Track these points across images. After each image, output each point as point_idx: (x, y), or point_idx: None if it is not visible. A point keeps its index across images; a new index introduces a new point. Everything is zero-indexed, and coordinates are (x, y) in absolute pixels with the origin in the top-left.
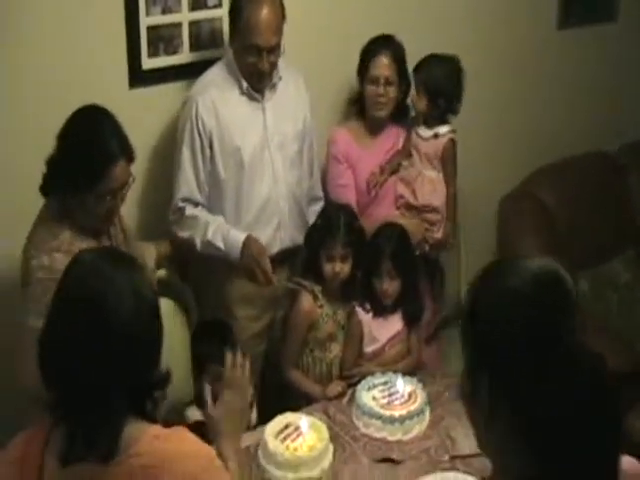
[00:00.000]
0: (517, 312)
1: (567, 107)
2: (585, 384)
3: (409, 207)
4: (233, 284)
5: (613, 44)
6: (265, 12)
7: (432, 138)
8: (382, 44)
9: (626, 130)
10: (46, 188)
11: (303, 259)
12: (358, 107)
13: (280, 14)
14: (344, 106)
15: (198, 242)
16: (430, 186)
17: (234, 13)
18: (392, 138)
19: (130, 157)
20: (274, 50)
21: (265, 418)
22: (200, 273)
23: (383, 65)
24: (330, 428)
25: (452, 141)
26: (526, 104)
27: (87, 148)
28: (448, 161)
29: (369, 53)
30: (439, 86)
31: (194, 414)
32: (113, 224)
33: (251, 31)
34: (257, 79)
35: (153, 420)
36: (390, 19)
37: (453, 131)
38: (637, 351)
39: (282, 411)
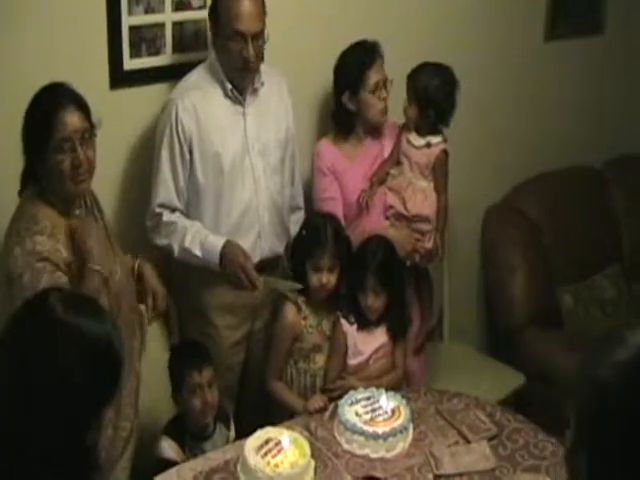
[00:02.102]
0: None
1: (552, 120)
2: None
3: (399, 217)
4: (212, 292)
5: (599, 57)
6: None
7: (424, 147)
8: (371, 49)
9: (612, 143)
10: (22, 182)
11: (284, 269)
12: (346, 125)
13: (261, 1)
14: (327, 115)
15: (176, 249)
16: (421, 195)
17: (215, 5)
18: (377, 145)
19: (82, 108)
20: (258, 37)
21: (244, 431)
22: (179, 280)
23: (380, 69)
24: (311, 444)
25: (444, 152)
26: (511, 116)
27: (37, 106)
28: (440, 172)
29: (363, 62)
30: (430, 96)
31: (167, 447)
32: (92, 203)
33: (234, 18)
34: (243, 72)
35: None
36: (377, 26)
37: (445, 141)
38: None
39: (262, 424)
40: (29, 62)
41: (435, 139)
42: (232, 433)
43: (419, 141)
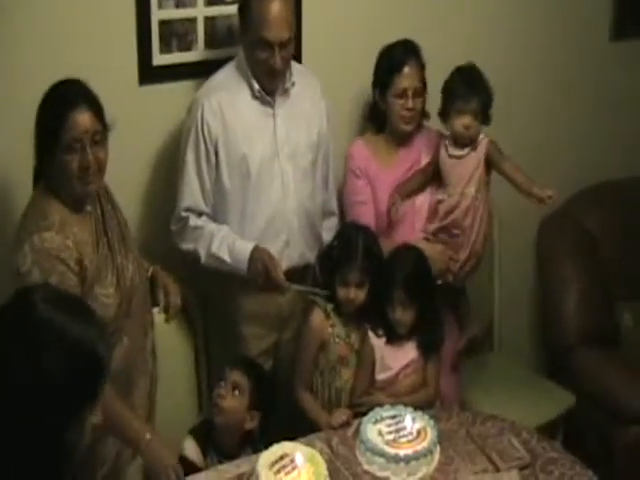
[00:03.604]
0: None
1: (616, 125)
2: None
3: (440, 230)
4: (237, 301)
5: None
6: (275, 5)
7: (472, 151)
8: (405, 53)
9: None
10: (35, 177)
11: (313, 278)
12: (377, 122)
13: (291, 8)
14: (363, 117)
15: (202, 255)
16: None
17: (243, 8)
18: (413, 153)
19: (94, 108)
20: (286, 45)
21: (270, 443)
22: (206, 290)
23: (411, 76)
24: (331, 461)
25: (491, 142)
26: (573, 121)
27: (49, 103)
28: (500, 160)
29: (393, 64)
30: (490, 98)
31: (189, 448)
32: (105, 202)
33: (261, 25)
34: (269, 77)
35: None
36: (419, 27)
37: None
38: None
39: (288, 438)
40: (56, 58)
41: (478, 138)
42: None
43: (461, 151)
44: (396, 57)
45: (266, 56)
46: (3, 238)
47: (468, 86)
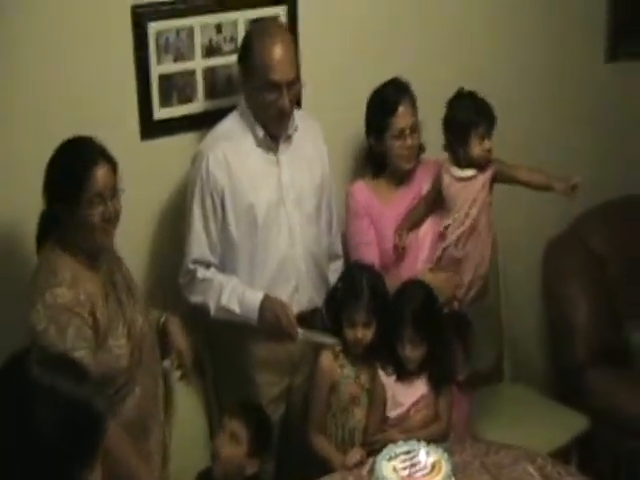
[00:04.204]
0: None
1: (617, 145)
2: None
3: (449, 260)
4: (249, 348)
5: None
6: (278, 46)
7: (479, 173)
8: (397, 92)
9: None
10: (41, 237)
11: (323, 321)
12: (376, 165)
13: (293, 48)
14: (362, 158)
15: (212, 307)
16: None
17: (245, 54)
18: (414, 187)
19: (111, 163)
20: (293, 84)
21: None
22: (215, 338)
23: (406, 115)
24: None
25: (496, 160)
26: (571, 141)
27: (67, 160)
28: (511, 170)
29: (386, 107)
30: (494, 116)
31: None
32: (115, 266)
33: (267, 68)
34: (279, 120)
35: None
36: (413, 66)
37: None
38: None
39: None
40: (57, 116)
41: None
42: None
43: (468, 172)
44: (389, 99)
45: (274, 98)
46: None
47: (486, 111)
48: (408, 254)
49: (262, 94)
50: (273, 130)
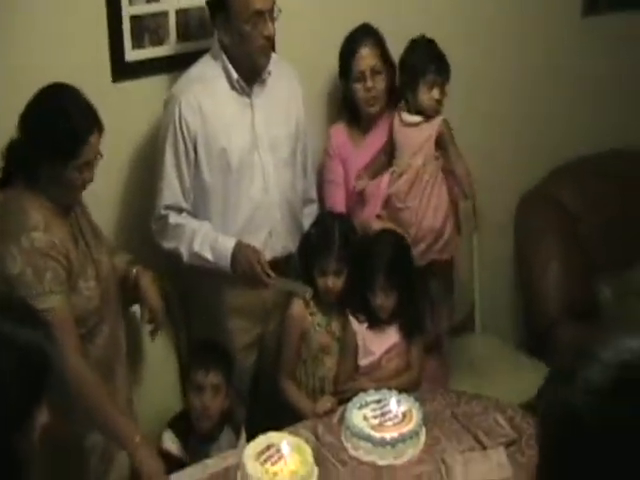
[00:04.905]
0: None
1: (591, 101)
2: None
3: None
4: (221, 295)
5: None
6: None
7: (423, 122)
8: (361, 36)
9: None
10: (6, 177)
11: (296, 268)
12: (348, 108)
13: None
14: (340, 103)
15: (184, 254)
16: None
17: None
18: (382, 135)
19: (101, 128)
20: (272, 12)
21: (256, 433)
22: (188, 284)
23: (366, 56)
24: (317, 449)
25: (446, 122)
26: (546, 98)
27: (61, 121)
28: (449, 142)
29: (348, 51)
30: (447, 66)
31: (169, 441)
32: (79, 209)
33: (250, 0)
34: (264, 51)
35: None
36: (392, 11)
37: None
38: None
39: (274, 429)
40: (25, 59)
41: None
42: (243, 440)
43: (414, 118)
44: (351, 42)
45: (260, 28)
46: None
47: (438, 59)
48: (369, 202)
49: (245, 28)
50: (255, 68)
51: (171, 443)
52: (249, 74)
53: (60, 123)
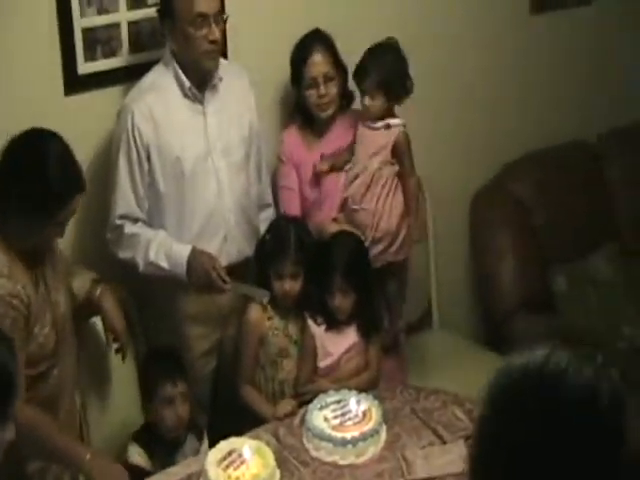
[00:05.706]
0: None
1: (542, 95)
2: None
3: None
4: (178, 303)
5: (589, 28)
6: None
7: (383, 128)
8: (311, 42)
9: (604, 117)
10: None
11: (253, 274)
12: (301, 113)
13: None
14: (292, 108)
15: (140, 263)
16: (389, 210)
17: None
18: (341, 137)
19: (84, 188)
20: (218, 17)
21: (218, 440)
22: (144, 292)
23: (318, 63)
24: (279, 452)
25: (405, 134)
26: (497, 93)
27: (47, 184)
28: (405, 154)
29: (299, 58)
30: (392, 75)
31: (134, 453)
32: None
33: (193, 2)
34: (210, 55)
35: None
36: (341, 14)
37: (404, 125)
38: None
39: (236, 434)
40: None
41: (394, 120)
42: (205, 446)
43: (377, 123)
44: (302, 48)
45: (205, 32)
46: None
47: (370, 69)
48: (326, 200)
49: (189, 31)
50: (202, 73)
51: (137, 456)
52: (199, 80)
53: (43, 184)
